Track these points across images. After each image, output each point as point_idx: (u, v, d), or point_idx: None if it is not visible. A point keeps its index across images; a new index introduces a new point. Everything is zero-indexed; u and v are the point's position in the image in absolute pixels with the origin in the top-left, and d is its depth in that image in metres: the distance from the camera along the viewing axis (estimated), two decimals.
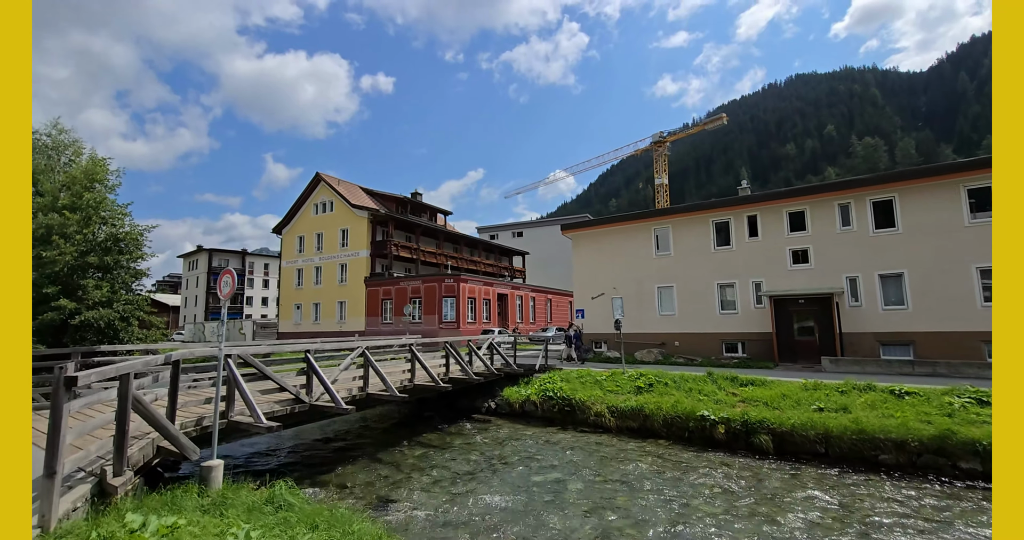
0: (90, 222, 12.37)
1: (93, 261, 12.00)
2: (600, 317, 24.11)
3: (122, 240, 12.82)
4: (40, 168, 19.90)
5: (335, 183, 38.77)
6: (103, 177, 12.98)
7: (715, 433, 11.96)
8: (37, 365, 10.02)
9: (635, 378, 15.75)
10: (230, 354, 7.79)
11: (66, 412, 4.36)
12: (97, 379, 4.90)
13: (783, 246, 19.62)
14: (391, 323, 34.21)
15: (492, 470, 10.25)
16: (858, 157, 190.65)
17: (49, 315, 11.12)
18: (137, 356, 11.40)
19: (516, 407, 15.76)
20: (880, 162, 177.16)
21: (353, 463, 10.92)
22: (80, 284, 12.09)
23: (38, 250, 12.12)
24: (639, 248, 23.25)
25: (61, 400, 4.28)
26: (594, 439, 12.96)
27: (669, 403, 13.24)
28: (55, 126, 21.39)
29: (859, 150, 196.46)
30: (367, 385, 10.85)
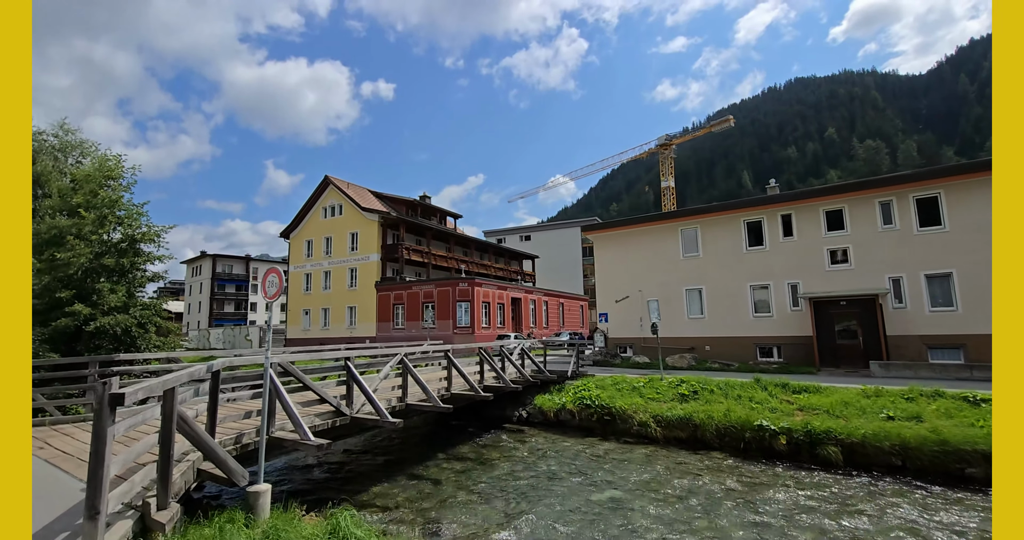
0: (105, 222, 11.62)
1: (109, 263, 11.23)
2: (625, 321, 23.33)
3: (139, 241, 12.07)
4: (47, 170, 19.23)
5: (344, 186, 38.09)
6: (118, 174, 12.26)
7: (775, 444, 11.16)
8: (52, 375, 9.25)
9: (675, 385, 14.96)
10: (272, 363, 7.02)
11: (111, 438, 3.58)
12: (144, 396, 4.12)
13: (820, 246, 18.87)
14: (403, 329, 33.38)
15: (543, 487, 9.43)
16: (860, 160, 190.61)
17: (63, 321, 10.34)
18: (155, 364, 10.62)
19: (550, 416, 14.95)
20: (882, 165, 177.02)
21: (390, 479, 10.09)
22: (95, 288, 11.32)
23: (50, 252, 11.37)
24: (665, 249, 22.50)
25: (105, 423, 3.50)
26: (641, 451, 12.14)
27: (720, 412, 12.45)
28: (61, 126, 20.77)
29: (861, 153, 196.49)
30: (406, 395, 10.07)
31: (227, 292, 63.47)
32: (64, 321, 10.38)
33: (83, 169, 12.22)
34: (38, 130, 19.86)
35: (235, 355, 12.13)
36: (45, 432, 8.19)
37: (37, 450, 7.01)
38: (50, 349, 10.38)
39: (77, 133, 20.98)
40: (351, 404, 8.54)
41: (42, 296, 10.80)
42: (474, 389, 11.45)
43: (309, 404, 8.17)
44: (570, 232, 60.52)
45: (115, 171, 12.24)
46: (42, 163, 18.94)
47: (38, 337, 10.36)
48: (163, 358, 10.16)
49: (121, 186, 12.38)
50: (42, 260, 10.91)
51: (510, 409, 15.78)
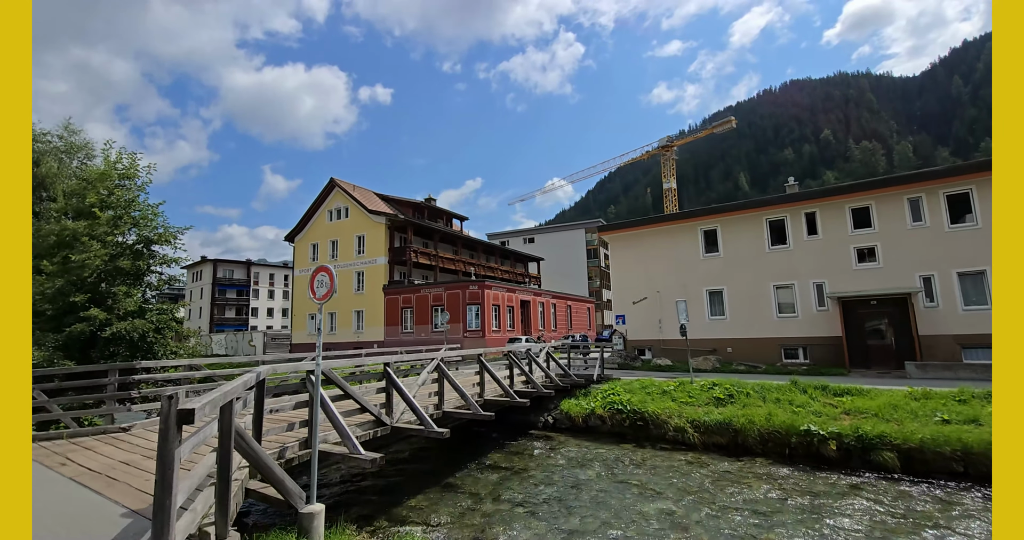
0: (120, 223, 11.07)
1: (125, 266, 10.68)
2: (643, 323, 22.86)
3: (155, 242, 11.52)
4: (53, 172, 18.65)
5: (350, 189, 37.55)
6: (133, 173, 11.71)
7: (825, 450, 10.68)
8: (69, 385, 8.67)
9: (708, 388, 14.50)
10: (312, 370, 6.49)
11: (178, 462, 3.05)
12: (211, 411, 3.59)
13: (847, 244, 18.47)
14: (412, 333, 32.80)
15: (588, 498, 8.90)
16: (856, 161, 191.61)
17: (79, 327, 9.77)
18: (176, 372, 10.05)
19: (578, 421, 14.43)
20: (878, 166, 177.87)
21: (425, 490, 9.54)
22: (111, 292, 10.75)
23: (62, 254, 10.80)
24: (684, 249, 22.07)
25: (172, 445, 2.98)
26: (681, 458, 11.63)
27: (761, 416, 11.97)
28: (66, 127, 20.20)
29: (857, 154, 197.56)
30: (443, 402, 9.54)
31: (228, 297, 62.65)
32: (79, 326, 9.80)
33: (97, 168, 11.65)
34: (43, 131, 19.29)
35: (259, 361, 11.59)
36: (64, 446, 7.63)
37: (59, 467, 6.46)
38: (64, 356, 9.80)
39: (82, 134, 20.42)
40: (391, 412, 8.01)
41: (55, 300, 10.23)
42: (509, 395, 10.93)
43: (349, 413, 7.64)
44: (574, 234, 60.13)
45: (130, 170, 11.69)
46: (47, 165, 18.37)
47: (52, 344, 9.79)
48: (184, 365, 9.61)
49: (136, 186, 11.83)
50: (55, 262, 10.34)
51: (535, 415, 15.25)
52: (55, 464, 6.61)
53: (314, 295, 5.61)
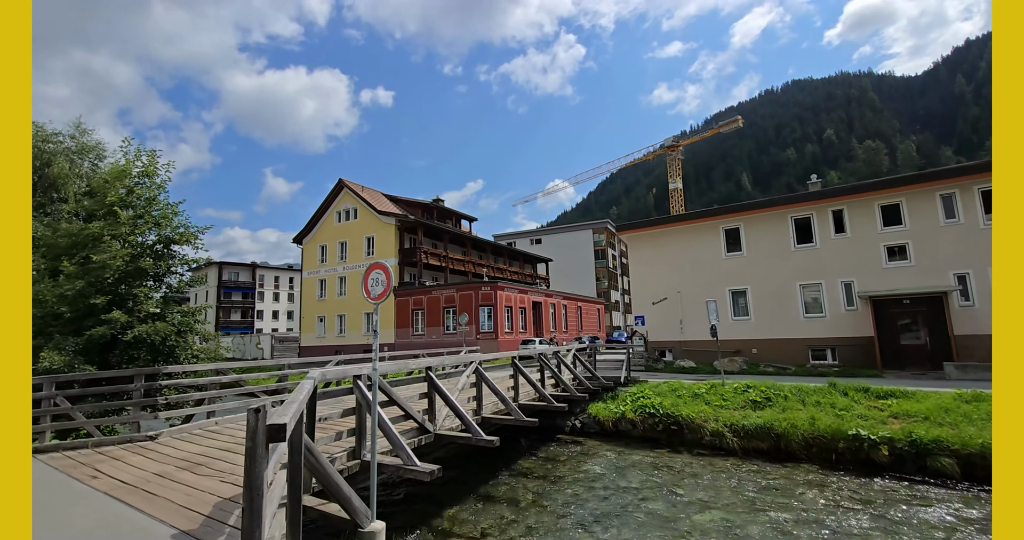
0: (141, 222, 10.67)
1: (147, 266, 10.28)
2: (663, 324, 22.41)
3: (176, 242, 11.12)
4: (64, 173, 18.28)
5: (359, 189, 37.17)
6: (153, 171, 11.31)
7: (876, 455, 10.22)
8: (93, 391, 8.26)
9: (742, 390, 14.05)
10: (359, 375, 6.07)
11: (265, 485, 2.62)
12: (292, 425, 3.15)
13: (876, 242, 18.02)
14: (423, 334, 32.36)
15: (636, 507, 8.44)
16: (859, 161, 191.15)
17: (100, 330, 9.35)
18: (201, 377, 9.63)
19: (608, 425, 13.97)
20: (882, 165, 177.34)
21: (461, 500, 9.08)
22: (132, 293, 10.34)
23: (80, 255, 10.40)
24: (706, 248, 21.63)
25: (260, 467, 2.54)
26: (722, 464, 11.18)
27: (803, 420, 11.53)
28: (77, 127, 19.83)
29: (860, 154, 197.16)
30: (481, 407, 9.10)
31: (233, 300, 62.24)
32: (101, 330, 9.39)
33: (117, 165, 11.25)
34: (54, 132, 18.92)
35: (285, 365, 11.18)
36: (91, 456, 7.21)
37: (90, 480, 6.03)
38: (84, 361, 9.39)
39: (93, 134, 20.04)
40: (433, 419, 7.58)
41: (75, 303, 9.82)
42: (546, 399, 10.50)
43: (393, 421, 7.20)
44: (582, 235, 59.70)
45: (149, 167, 11.29)
46: (59, 166, 17.99)
47: (72, 347, 9.38)
48: (211, 370, 9.19)
49: (155, 184, 11.43)
50: (74, 263, 9.94)
51: (561, 419, 14.80)
52: (85, 476, 6.19)
53: (368, 294, 5.19)
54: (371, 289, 5.17)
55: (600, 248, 58.62)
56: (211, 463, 6.45)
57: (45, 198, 18.28)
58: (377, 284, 5.14)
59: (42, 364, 8.77)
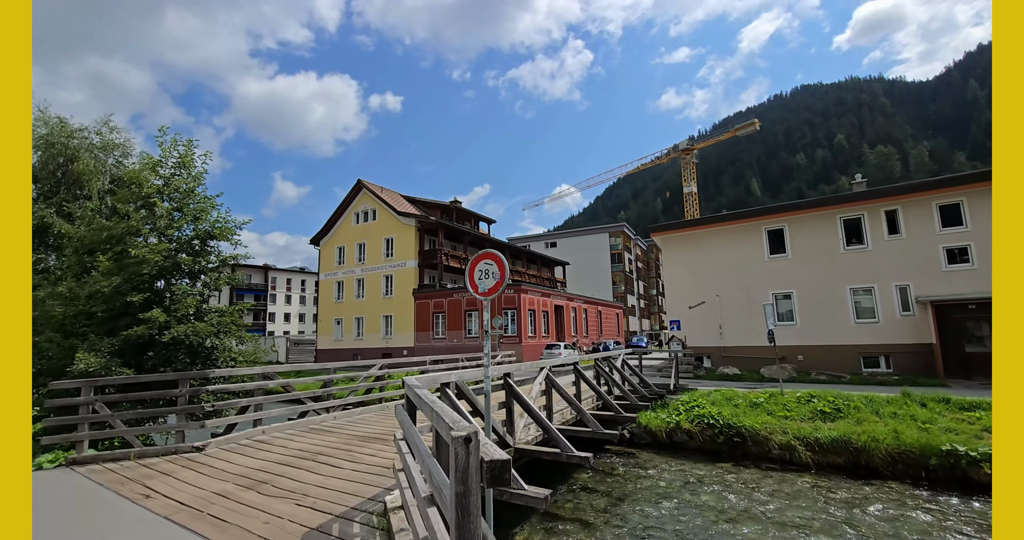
0: (177, 216, 10.02)
1: (186, 262, 9.61)
2: (701, 328, 21.52)
3: (214, 237, 10.45)
4: (89, 169, 17.74)
5: (378, 190, 36.59)
6: (190, 161, 10.67)
7: (975, 473, 9.31)
8: (133, 396, 7.54)
9: (805, 400, 13.18)
10: (448, 382, 5.32)
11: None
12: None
13: (935, 244, 17.10)
14: (443, 338, 31.59)
15: (724, 530, 7.59)
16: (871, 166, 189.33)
17: (139, 330, 8.66)
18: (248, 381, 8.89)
19: (661, 436, 13.09)
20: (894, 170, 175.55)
21: (527, 519, 8.26)
22: (170, 291, 9.67)
23: (114, 250, 9.74)
24: (747, 250, 20.76)
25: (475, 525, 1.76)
26: (797, 480, 10.30)
27: (885, 433, 10.65)
28: (105, 123, 19.32)
29: (872, 159, 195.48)
30: (551, 417, 8.31)
31: (245, 302, 61.83)
32: (140, 330, 8.70)
33: (151, 158, 10.61)
34: (80, 127, 18.41)
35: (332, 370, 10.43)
36: (135, 470, 6.48)
37: (143, 499, 5.30)
38: (121, 363, 8.69)
39: (121, 132, 19.52)
40: (512, 431, 6.81)
41: (110, 301, 9.14)
42: (613, 408, 9.69)
43: None
44: (598, 238, 58.85)
45: (187, 157, 10.64)
46: (84, 162, 17.46)
47: (107, 349, 8.68)
48: (258, 374, 8.46)
49: (191, 176, 10.77)
50: (109, 258, 9.27)
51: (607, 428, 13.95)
52: (136, 495, 5.45)
53: (475, 289, 4.45)
54: (478, 283, 4.43)
55: (616, 252, 57.71)
56: (276, 480, 5.70)
57: (69, 195, 17.75)
58: (487, 277, 4.40)
59: (78, 366, 8.07)
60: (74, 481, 6.16)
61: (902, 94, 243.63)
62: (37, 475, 6.60)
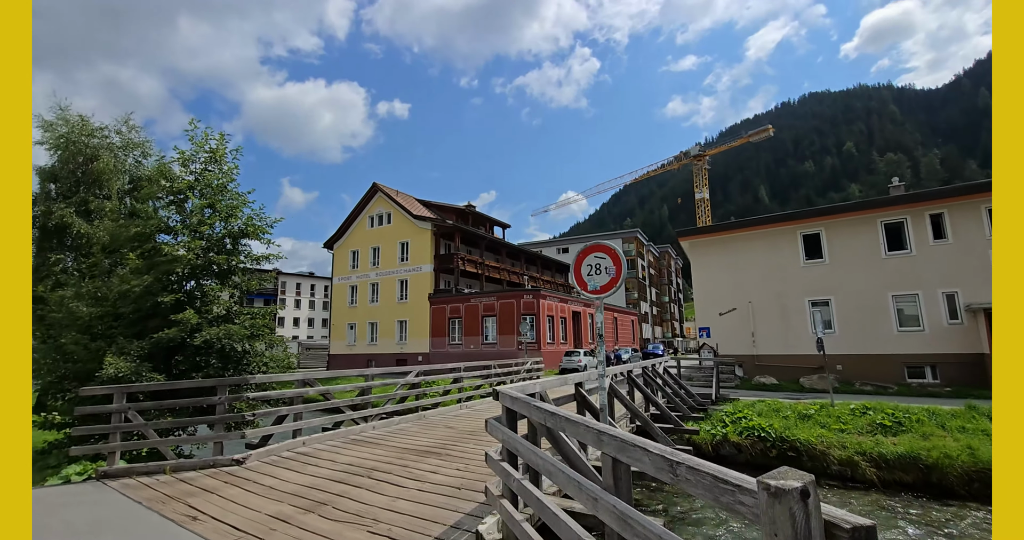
0: (209, 213, 9.51)
1: (220, 261, 9.08)
2: (732, 336, 20.80)
3: (248, 236, 9.94)
4: (109, 168, 17.38)
5: (393, 194, 36.20)
6: (222, 155, 10.18)
7: None
8: (170, 404, 6.97)
9: (860, 412, 12.47)
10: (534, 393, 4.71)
11: None
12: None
13: (984, 249, 16.37)
14: (460, 344, 30.96)
15: None
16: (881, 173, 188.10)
17: (171, 332, 8.12)
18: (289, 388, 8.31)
19: (706, 449, 12.37)
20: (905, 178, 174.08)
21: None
22: (202, 291, 9.14)
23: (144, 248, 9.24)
24: (781, 255, 20.09)
25: None
26: (863, 498, 9.63)
27: (958, 450, 9.92)
28: (126, 122, 19.00)
29: (881, 166, 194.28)
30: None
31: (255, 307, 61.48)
32: (172, 332, 8.15)
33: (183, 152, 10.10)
34: (100, 126, 18.09)
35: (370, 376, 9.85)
36: (175, 486, 5.88)
37: (190, 522, 4.70)
38: (151, 368, 8.14)
39: (141, 131, 19.19)
40: (584, 447, 6.18)
41: (140, 301, 8.62)
42: (671, 420, 9.03)
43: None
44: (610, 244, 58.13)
45: (219, 151, 10.16)
46: (104, 161, 17.11)
47: (136, 352, 8.14)
48: (299, 380, 7.88)
49: (222, 172, 10.28)
50: (140, 256, 8.77)
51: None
52: (182, 517, 4.86)
53: (584, 287, 3.86)
54: (588, 280, 3.84)
55: (630, 258, 56.98)
56: (336, 501, 5.09)
57: (88, 194, 17.37)
58: (599, 273, 3.81)
59: (107, 371, 7.53)
60: (110, 498, 5.58)
61: (911, 102, 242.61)
62: (66, 490, 6.03)
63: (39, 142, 16.93)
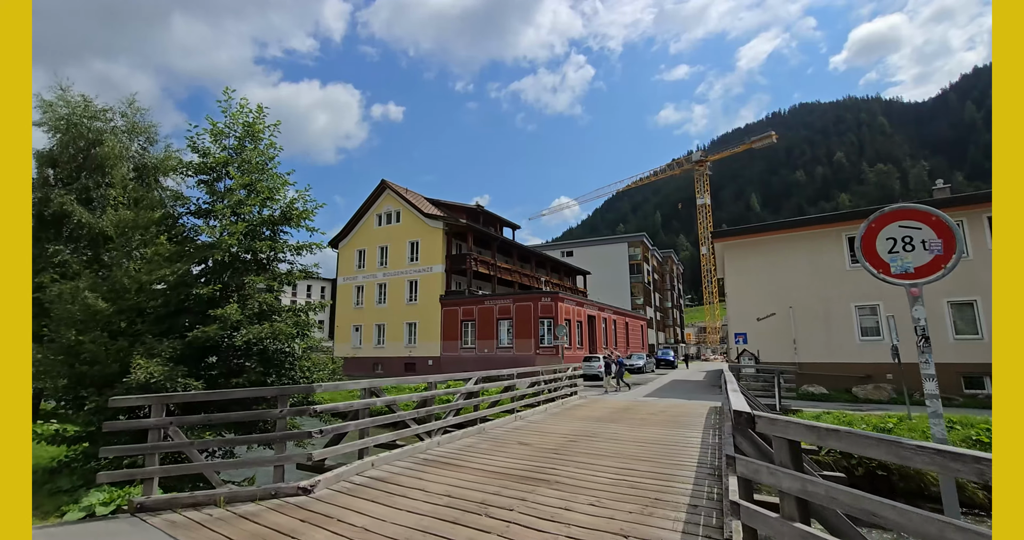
0: (254, 192, 8.25)
1: (263, 249, 7.83)
2: (771, 343, 19.84)
3: (290, 221, 8.69)
4: (114, 154, 15.96)
5: (403, 191, 34.91)
6: (260, 129, 8.92)
7: None
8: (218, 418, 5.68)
9: (947, 427, 11.44)
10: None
11: None
12: None
13: None
14: (473, 348, 29.68)
15: None
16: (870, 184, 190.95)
17: (211, 329, 6.84)
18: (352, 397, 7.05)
19: None
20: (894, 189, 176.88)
21: None
22: (242, 283, 7.87)
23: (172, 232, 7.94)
24: (825, 258, 19.21)
25: None
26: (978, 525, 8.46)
27: None
28: (130, 104, 17.57)
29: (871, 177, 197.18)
30: None
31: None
32: (212, 329, 6.86)
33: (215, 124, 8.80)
34: (103, 108, 16.66)
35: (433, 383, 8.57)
36: (236, 525, 4.59)
37: None
38: (187, 373, 6.83)
39: (146, 113, 17.78)
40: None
41: (171, 293, 7.32)
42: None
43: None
44: (616, 248, 57.36)
45: (256, 126, 8.89)
46: (109, 145, 15.69)
47: (168, 354, 6.84)
48: (365, 389, 6.63)
49: (259, 150, 9.01)
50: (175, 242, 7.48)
51: None
52: None
53: (882, 269, 2.74)
54: (889, 259, 2.72)
55: (636, 263, 56.18)
56: None
57: (91, 181, 15.91)
58: (909, 248, 2.69)
59: (136, 376, 6.23)
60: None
61: (900, 115, 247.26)
62: (94, 528, 4.73)
63: (37, 123, 15.46)
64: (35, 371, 8.25)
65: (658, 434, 9.03)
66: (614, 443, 8.09)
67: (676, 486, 5.60)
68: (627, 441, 8.33)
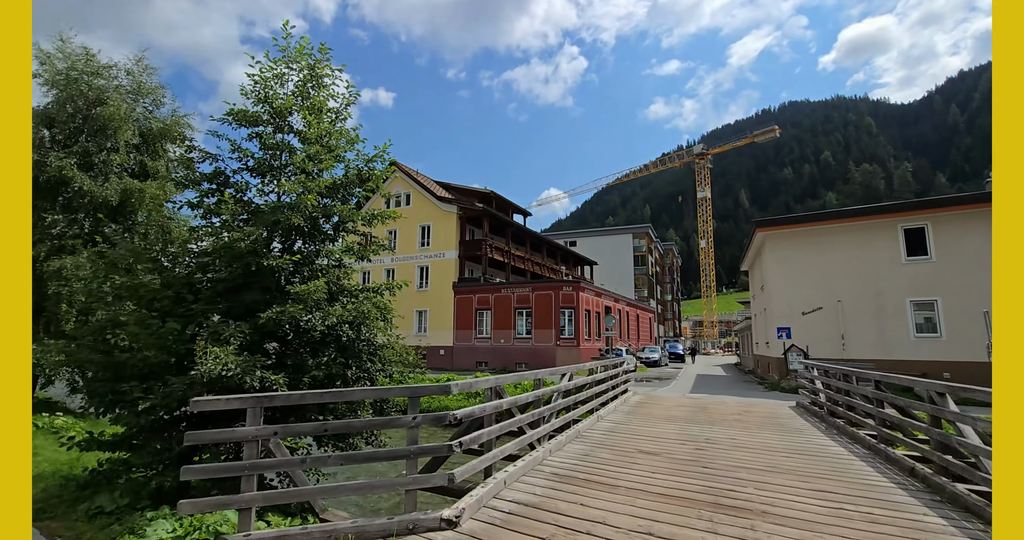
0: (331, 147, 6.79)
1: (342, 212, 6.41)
2: (818, 338, 19.00)
3: (365, 182, 7.26)
4: (119, 115, 14.11)
5: (413, 173, 33.16)
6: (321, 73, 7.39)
7: None
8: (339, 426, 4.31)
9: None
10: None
11: None
12: None
13: None
14: (488, 338, 28.38)
15: None
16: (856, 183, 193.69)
17: (293, 309, 5.41)
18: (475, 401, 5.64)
19: None
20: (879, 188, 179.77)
21: None
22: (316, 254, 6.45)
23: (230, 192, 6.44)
24: (878, 251, 18.35)
25: None
26: None
27: None
28: (138, 62, 15.63)
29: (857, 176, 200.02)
30: None
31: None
32: (294, 309, 5.44)
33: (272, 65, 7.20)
34: (107, 64, 14.77)
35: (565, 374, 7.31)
36: None
37: None
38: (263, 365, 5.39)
39: (155, 74, 15.89)
40: None
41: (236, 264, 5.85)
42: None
43: None
44: (621, 239, 56.39)
45: (319, 69, 7.37)
46: (113, 105, 13.87)
47: (239, 339, 5.40)
48: (491, 388, 5.32)
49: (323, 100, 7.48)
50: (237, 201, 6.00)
51: None
52: None
53: None
54: None
55: (640, 254, 55.34)
56: None
57: (92, 145, 14.05)
58: None
59: (207, 367, 4.79)
60: None
61: (886, 115, 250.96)
62: None
63: (32, 74, 13.54)
64: (52, 360, 6.73)
65: (785, 441, 7.90)
66: (749, 452, 6.91)
67: (921, 520, 4.23)
68: (759, 449, 7.17)
